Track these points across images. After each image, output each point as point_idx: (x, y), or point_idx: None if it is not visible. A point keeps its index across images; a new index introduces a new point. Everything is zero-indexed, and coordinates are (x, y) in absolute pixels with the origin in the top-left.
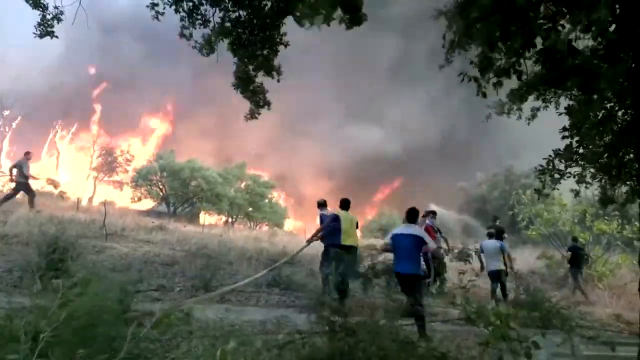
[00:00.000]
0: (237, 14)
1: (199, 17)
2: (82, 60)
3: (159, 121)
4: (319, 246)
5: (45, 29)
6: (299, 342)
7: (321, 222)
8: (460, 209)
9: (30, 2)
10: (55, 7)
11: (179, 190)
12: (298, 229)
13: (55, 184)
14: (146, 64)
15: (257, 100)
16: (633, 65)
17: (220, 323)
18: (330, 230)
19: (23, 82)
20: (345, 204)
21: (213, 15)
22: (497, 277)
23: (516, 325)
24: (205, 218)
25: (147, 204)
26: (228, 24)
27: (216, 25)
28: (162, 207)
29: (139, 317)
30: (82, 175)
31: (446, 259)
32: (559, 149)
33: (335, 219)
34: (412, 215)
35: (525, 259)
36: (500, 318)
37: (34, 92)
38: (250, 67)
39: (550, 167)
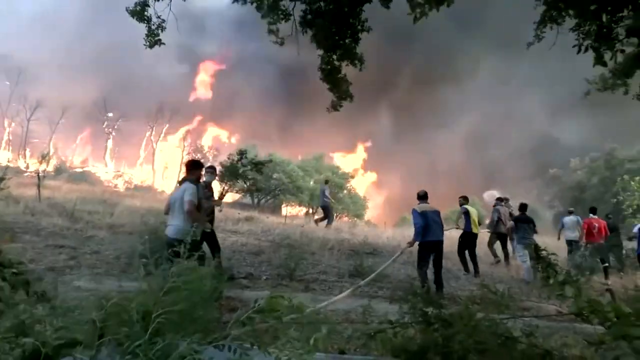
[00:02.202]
0: (317, 5)
1: (280, 12)
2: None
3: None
4: (399, 237)
5: (153, 39)
6: (389, 332)
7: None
8: (553, 198)
9: (136, 17)
10: (158, 17)
11: (262, 183)
12: (377, 218)
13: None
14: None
15: (341, 92)
16: None
17: (309, 311)
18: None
19: (121, 84)
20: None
21: (293, 9)
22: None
23: (636, 323)
24: (287, 209)
25: (233, 196)
26: (310, 16)
27: (297, 20)
28: (247, 199)
29: (232, 303)
30: (175, 169)
31: None
32: None
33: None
34: (425, 196)
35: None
36: (621, 314)
37: (132, 92)
38: (334, 57)
39: None
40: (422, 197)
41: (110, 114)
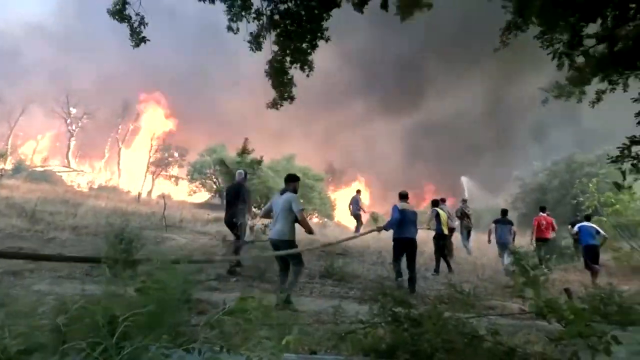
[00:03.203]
0: (285, 5)
1: (251, 11)
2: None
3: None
4: (369, 238)
5: (137, 37)
6: (360, 332)
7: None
8: (516, 199)
9: (117, 17)
10: (137, 14)
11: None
12: (348, 219)
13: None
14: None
15: (283, 92)
16: None
17: (278, 312)
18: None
19: (85, 79)
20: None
21: (265, 9)
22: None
23: (592, 320)
24: (258, 210)
25: (202, 196)
26: (277, 16)
27: (265, 19)
28: (216, 199)
29: (201, 306)
30: (141, 169)
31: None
32: (635, 136)
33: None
34: (406, 196)
35: None
36: (576, 313)
37: (96, 88)
38: (287, 59)
39: (626, 154)
40: (404, 196)
41: (74, 111)
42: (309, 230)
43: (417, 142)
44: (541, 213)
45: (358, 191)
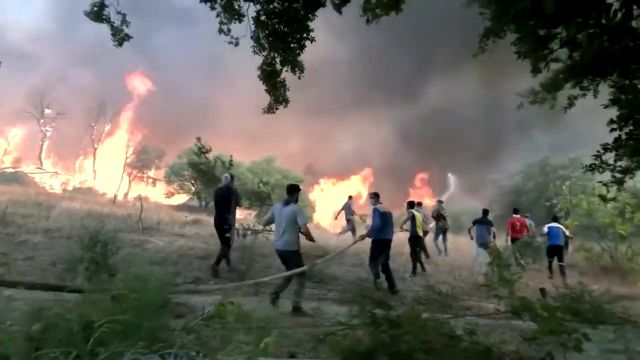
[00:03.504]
0: (271, 5)
1: (234, 12)
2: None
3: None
4: (347, 239)
5: (120, 36)
6: (339, 334)
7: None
8: (492, 201)
9: (92, 16)
10: (118, 13)
11: (210, 186)
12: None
13: None
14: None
15: (277, 95)
16: None
17: (257, 315)
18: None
19: (59, 80)
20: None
21: (247, 10)
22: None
23: (564, 318)
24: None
25: (180, 199)
26: (264, 17)
27: (251, 20)
28: (194, 201)
29: (179, 309)
30: (117, 170)
31: None
32: (608, 144)
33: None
34: (378, 196)
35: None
36: (548, 311)
37: (71, 89)
38: (277, 61)
39: (599, 162)
40: (377, 196)
41: (48, 111)
42: (312, 239)
43: (406, 140)
44: (515, 215)
45: (350, 197)
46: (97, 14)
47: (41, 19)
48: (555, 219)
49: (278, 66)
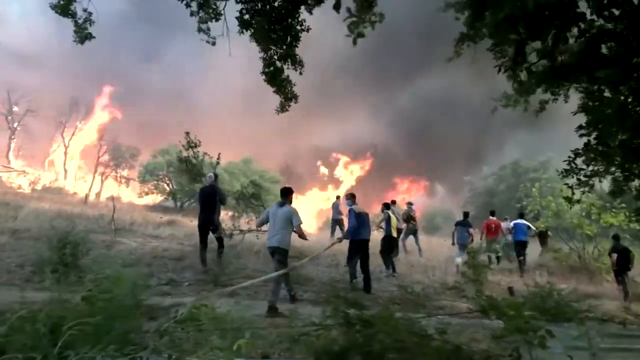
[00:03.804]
0: (252, 4)
1: (211, 10)
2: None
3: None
4: (323, 240)
5: (82, 33)
6: (313, 335)
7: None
8: (466, 202)
9: (59, 12)
10: (84, 10)
11: (185, 186)
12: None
13: None
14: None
15: (286, 93)
16: None
17: (232, 317)
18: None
19: (29, 76)
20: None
21: (224, 9)
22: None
23: (529, 316)
24: None
25: (154, 199)
26: (247, 16)
27: (226, 20)
28: (169, 202)
29: (152, 311)
30: (89, 169)
31: None
32: (578, 149)
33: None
34: (354, 196)
35: (532, 251)
36: (515, 309)
37: (41, 86)
38: (276, 58)
39: (573, 167)
40: (353, 197)
41: (16, 108)
42: (304, 238)
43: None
44: (491, 217)
45: (338, 197)
46: (64, 8)
47: (8, 12)
48: (521, 216)
49: (278, 64)
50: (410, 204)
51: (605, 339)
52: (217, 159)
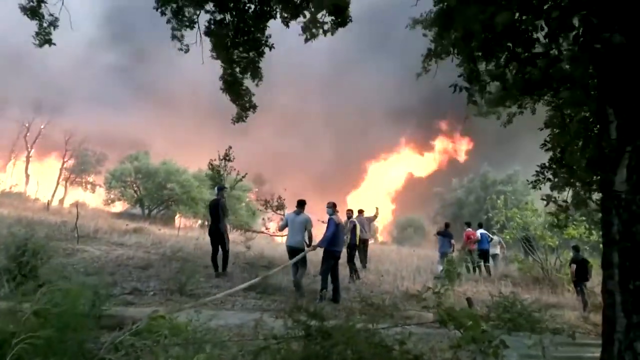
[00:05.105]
0: (221, 16)
1: (185, 19)
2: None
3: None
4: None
5: (43, 38)
6: (274, 347)
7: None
8: (436, 213)
9: (28, 13)
10: (51, 15)
11: (153, 193)
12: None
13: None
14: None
15: (244, 103)
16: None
17: (195, 328)
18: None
19: None
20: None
21: (198, 17)
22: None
23: (487, 326)
24: (181, 221)
25: (121, 206)
26: (213, 27)
27: (200, 28)
28: (136, 209)
29: (113, 322)
30: (52, 175)
31: None
32: (545, 163)
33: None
34: (335, 206)
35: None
36: (472, 319)
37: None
38: (237, 70)
39: (541, 177)
40: (334, 206)
41: None
42: (311, 240)
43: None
44: (469, 228)
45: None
46: (33, 10)
47: None
48: (480, 226)
49: (239, 75)
50: (360, 211)
51: (558, 347)
52: (242, 176)
